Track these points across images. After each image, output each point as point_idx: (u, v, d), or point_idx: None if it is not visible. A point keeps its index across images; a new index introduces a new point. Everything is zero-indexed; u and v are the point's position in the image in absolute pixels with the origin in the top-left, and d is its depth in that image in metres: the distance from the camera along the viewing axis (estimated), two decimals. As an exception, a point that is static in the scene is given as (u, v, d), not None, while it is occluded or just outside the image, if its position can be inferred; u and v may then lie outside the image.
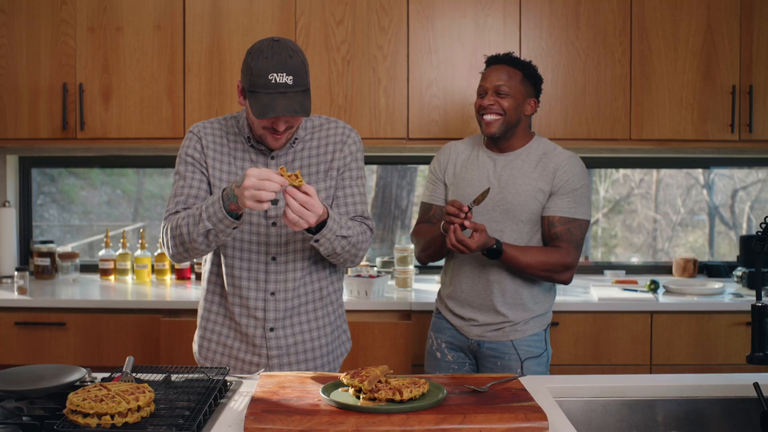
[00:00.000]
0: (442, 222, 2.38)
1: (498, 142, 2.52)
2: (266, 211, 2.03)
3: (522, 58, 2.54)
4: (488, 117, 2.46)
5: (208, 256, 2.23)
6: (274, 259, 2.12)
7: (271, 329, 2.15)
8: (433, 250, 2.54)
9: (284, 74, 1.94)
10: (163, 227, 2.10)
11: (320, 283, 2.20)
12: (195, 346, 2.28)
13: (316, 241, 2.00)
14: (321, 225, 1.99)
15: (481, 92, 2.50)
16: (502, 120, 2.46)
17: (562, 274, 2.44)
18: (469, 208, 2.29)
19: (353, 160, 2.17)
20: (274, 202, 1.92)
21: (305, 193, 1.87)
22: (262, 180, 1.81)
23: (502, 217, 2.46)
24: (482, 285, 2.49)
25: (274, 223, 2.11)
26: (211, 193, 2.13)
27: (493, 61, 2.53)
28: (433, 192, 2.64)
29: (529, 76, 2.49)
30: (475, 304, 2.51)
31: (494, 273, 2.47)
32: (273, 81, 1.93)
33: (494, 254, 2.37)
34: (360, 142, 2.21)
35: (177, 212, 2.09)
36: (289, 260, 2.13)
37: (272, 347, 2.16)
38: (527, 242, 2.48)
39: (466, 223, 2.28)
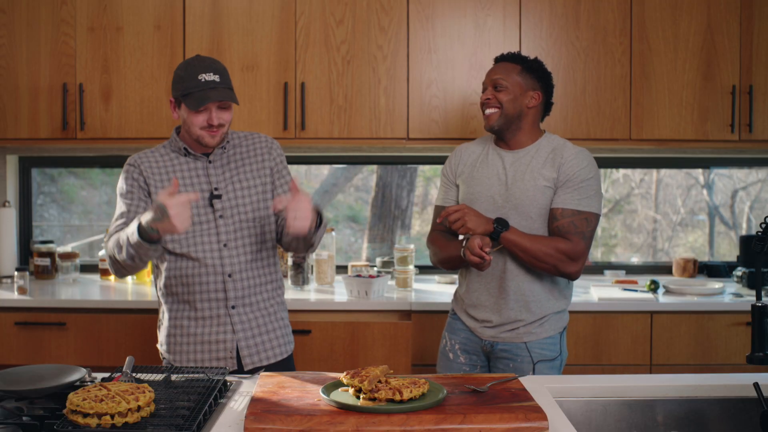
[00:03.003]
0: (462, 249, 2.39)
1: (505, 138, 2.52)
2: (213, 205, 2.31)
3: (527, 56, 2.55)
4: (487, 111, 2.51)
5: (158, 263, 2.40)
6: (225, 245, 2.32)
7: (233, 307, 2.33)
8: (452, 265, 2.56)
9: (211, 73, 2.25)
10: (106, 245, 2.32)
11: (269, 268, 2.41)
12: (162, 348, 2.40)
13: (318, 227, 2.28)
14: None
15: (483, 89, 2.55)
16: (500, 113, 2.47)
17: (566, 264, 2.39)
18: (489, 253, 2.32)
19: (281, 161, 2.45)
20: (219, 196, 2.30)
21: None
22: (180, 204, 2.01)
23: (512, 214, 2.45)
24: (496, 283, 2.48)
25: (221, 216, 2.33)
26: None
27: (496, 60, 2.58)
28: (446, 195, 2.64)
29: (529, 69, 2.50)
30: (488, 304, 2.49)
31: (509, 272, 2.46)
32: (203, 80, 2.23)
33: (498, 231, 2.38)
34: (281, 148, 2.49)
35: (112, 234, 2.31)
36: (239, 245, 2.34)
37: (236, 322, 2.32)
38: None
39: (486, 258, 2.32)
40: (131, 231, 2.12)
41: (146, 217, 2.06)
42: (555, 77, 3.36)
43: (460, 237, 2.59)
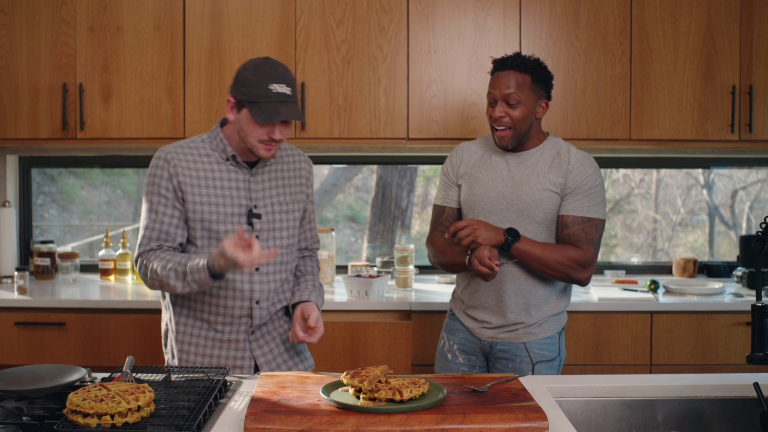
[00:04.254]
0: (468, 257, 2.37)
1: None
2: (252, 224, 2.20)
3: (529, 56, 2.46)
4: (500, 129, 2.44)
5: None
6: (258, 269, 2.22)
7: (252, 332, 2.25)
8: (454, 270, 2.55)
9: (284, 85, 2.09)
10: (140, 264, 2.17)
11: (289, 292, 2.32)
12: (174, 362, 2.28)
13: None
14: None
15: (491, 101, 2.46)
16: (514, 131, 2.43)
17: (578, 271, 2.39)
18: (498, 265, 2.30)
19: (313, 190, 2.39)
20: (258, 216, 2.19)
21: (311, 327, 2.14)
22: (254, 259, 1.95)
23: (517, 217, 2.43)
24: (496, 286, 2.47)
25: (257, 237, 2.20)
26: (186, 220, 2.19)
27: (500, 66, 2.46)
28: (446, 194, 2.61)
29: (539, 79, 2.43)
30: (488, 305, 2.49)
31: (508, 274, 2.45)
32: (274, 91, 2.07)
33: (510, 242, 2.36)
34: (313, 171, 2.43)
35: (152, 250, 2.17)
36: (270, 271, 2.24)
37: (255, 348, 2.25)
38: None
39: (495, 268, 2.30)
40: (196, 269, 2.02)
41: (214, 261, 2.00)
42: (555, 77, 3.35)
43: None
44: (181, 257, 2.10)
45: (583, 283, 2.44)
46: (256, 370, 2.26)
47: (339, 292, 3.37)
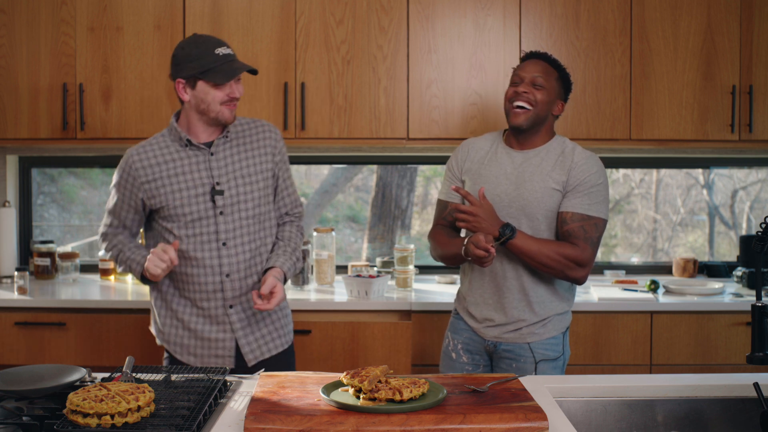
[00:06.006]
0: (463, 248, 2.38)
1: (519, 138, 2.50)
2: (214, 201, 2.31)
3: (559, 62, 2.53)
4: (519, 104, 2.43)
5: None
6: (224, 244, 2.32)
7: (231, 306, 2.35)
8: (451, 262, 2.55)
9: (224, 47, 2.27)
10: (102, 242, 2.45)
11: (264, 259, 2.42)
12: (159, 338, 2.44)
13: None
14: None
15: (516, 80, 2.47)
16: (532, 112, 2.43)
17: (574, 270, 2.39)
18: (494, 246, 2.30)
19: (284, 160, 2.47)
20: (221, 192, 2.30)
21: (270, 294, 2.26)
22: (155, 256, 2.22)
23: (518, 214, 2.44)
24: (499, 284, 2.47)
25: (221, 213, 2.31)
26: (144, 209, 2.39)
27: (532, 56, 2.52)
28: (450, 190, 2.61)
29: (563, 78, 2.50)
30: (491, 304, 2.49)
31: (511, 272, 2.45)
32: (220, 54, 2.24)
33: (507, 237, 2.35)
34: (283, 141, 2.50)
35: (107, 233, 2.44)
36: (238, 243, 2.35)
37: (234, 321, 2.35)
38: None
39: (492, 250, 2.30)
40: (135, 270, 2.34)
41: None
42: (555, 77, 3.36)
43: (462, 234, 2.59)
44: (127, 249, 2.39)
45: (579, 281, 2.44)
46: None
47: (339, 292, 3.37)
